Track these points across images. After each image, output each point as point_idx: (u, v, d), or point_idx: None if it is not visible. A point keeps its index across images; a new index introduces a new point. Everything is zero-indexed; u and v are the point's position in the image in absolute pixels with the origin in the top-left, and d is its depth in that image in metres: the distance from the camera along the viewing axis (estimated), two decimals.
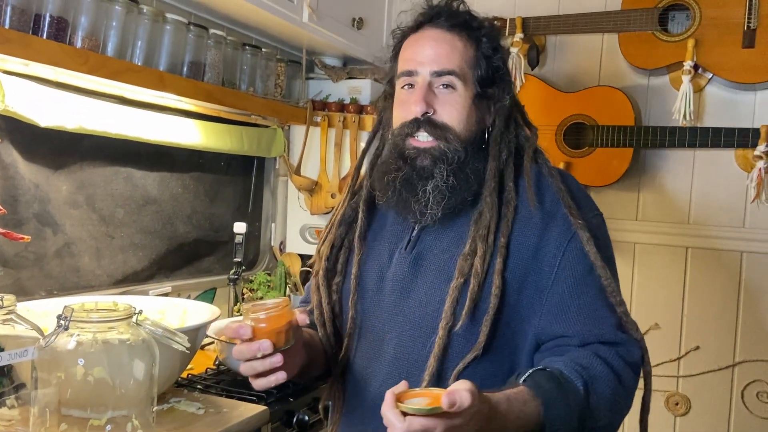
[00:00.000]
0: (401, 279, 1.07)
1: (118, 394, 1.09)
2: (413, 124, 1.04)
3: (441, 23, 1.07)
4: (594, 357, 0.95)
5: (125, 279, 1.81)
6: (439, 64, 1.04)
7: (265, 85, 2.11)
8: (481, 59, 1.06)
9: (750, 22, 1.98)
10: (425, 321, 1.03)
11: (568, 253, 1.00)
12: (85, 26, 1.48)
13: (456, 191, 1.03)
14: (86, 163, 1.70)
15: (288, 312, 0.95)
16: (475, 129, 1.06)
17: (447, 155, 1.02)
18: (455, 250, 1.04)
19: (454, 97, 1.04)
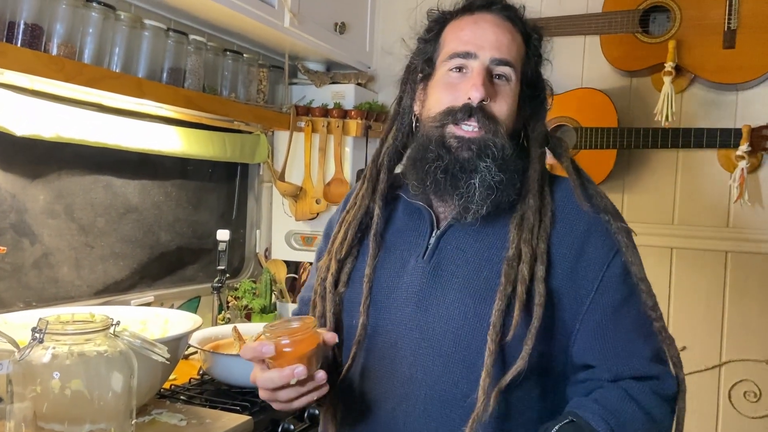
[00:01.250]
0: (417, 291, 0.98)
1: (96, 407, 1.07)
2: (464, 111, 0.96)
3: (498, 11, 1.01)
4: (624, 398, 0.90)
5: (106, 289, 1.79)
6: (501, 51, 0.97)
7: (248, 90, 2.09)
8: (531, 59, 1.03)
9: (730, 22, 1.99)
10: (446, 338, 0.94)
11: (608, 278, 0.94)
12: (61, 33, 1.46)
13: (504, 188, 0.95)
14: (64, 171, 1.67)
15: (315, 335, 0.87)
16: (517, 127, 1.02)
17: (493, 149, 0.95)
18: (482, 262, 0.96)
19: (507, 89, 0.98)
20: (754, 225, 2.07)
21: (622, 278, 0.95)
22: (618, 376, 0.92)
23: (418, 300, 0.97)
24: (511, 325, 0.89)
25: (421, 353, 0.95)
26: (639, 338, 0.94)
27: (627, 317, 0.94)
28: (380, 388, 0.99)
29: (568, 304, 0.94)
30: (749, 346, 2.07)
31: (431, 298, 0.97)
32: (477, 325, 0.93)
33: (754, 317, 2.07)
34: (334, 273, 1.05)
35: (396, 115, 1.10)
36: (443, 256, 0.98)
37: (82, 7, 1.50)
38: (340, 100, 2.35)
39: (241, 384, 1.55)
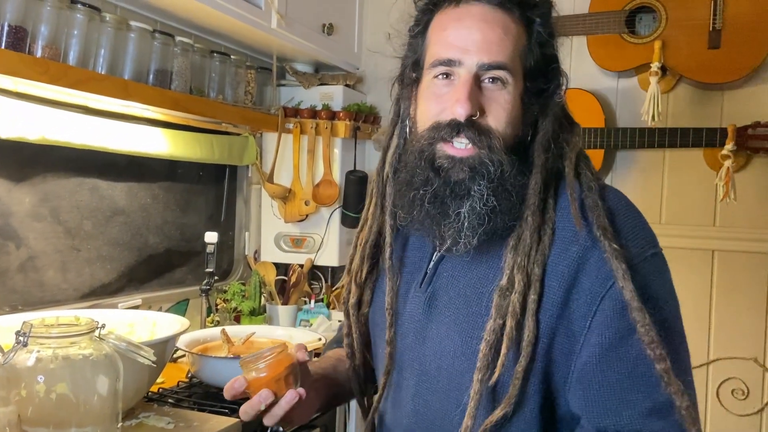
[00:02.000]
0: (416, 321, 0.92)
1: (81, 410, 1.06)
2: (452, 128, 0.83)
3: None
4: None
5: (93, 292, 1.78)
6: (490, 54, 0.82)
7: (235, 92, 2.09)
8: (534, 46, 0.85)
9: (715, 23, 2.00)
10: (441, 375, 0.88)
11: (600, 313, 0.79)
12: (45, 35, 1.45)
13: (497, 214, 0.83)
14: (50, 174, 1.66)
15: (286, 356, 0.89)
16: (521, 134, 0.86)
17: (489, 168, 0.82)
18: (472, 295, 0.86)
19: (503, 95, 0.83)
20: (740, 223, 2.08)
21: (619, 314, 0.79)
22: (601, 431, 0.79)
23: (416, 330, 0.92)
24: (498, 364, 0.81)
25: (422, 387, 0.91)
26: (635, 386, 0.78)
27: (622, 360, 0.79)
28: (398, 416, 0.96)
29: (561, 341, 0.82)
30: (737, 344, 2.09)
31: (426, 331, 0.91)
32: (465, 364, 0.85)
33: (742, 315, 2.08)
34: (356, 295, 1.01)
35: (395, 119, 0.98)
36: (438, 285, 0.90)
37: (67, 8, 1.49)
38: (329, 101, 2.35)
39: None
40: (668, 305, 0.82)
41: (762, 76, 2.04)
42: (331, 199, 2.33)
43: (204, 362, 1.53)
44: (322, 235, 2.37)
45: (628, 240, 0.82)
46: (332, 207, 2.35)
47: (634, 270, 0.79)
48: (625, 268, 0.78)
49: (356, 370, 1.04)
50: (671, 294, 0.85)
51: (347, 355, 1.03)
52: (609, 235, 0.79)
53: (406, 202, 0.89)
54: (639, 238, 0.83)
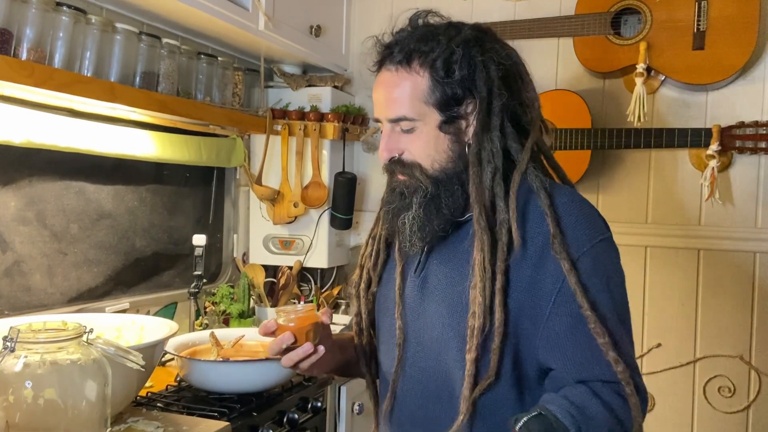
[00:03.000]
0: (411, 302, 1.10)
1: (69, 416, 1.05)
2: (388, 166, 1.08)
3: (393, 59, 1.04)
4: (590, 395, 0.94)
5: (80, 296, 1.76)
6: (392, 111, 1.04)
7: (223, 94, 2.08)
8: (436, 85, 1.02)
9: (699, 24, 2.02)
10: (433, 346, 1.06)
11: (564, 291, 0.97)
12: (31, 38, 1.44)
13: (428, 222, 1.04)
14: (35, 178, 1.65)
15: (313, 315, 1.08)
16: (452, 154, 1.04)
17: (419, 188, 1.04)
18: (456, 277, 1.04)
19: (415, 136, 1.04)
20: (725, 223, 2.11)
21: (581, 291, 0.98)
22: (582, 380, 0.97)
23: (412, 310, 1.10)
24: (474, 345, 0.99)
25: (419, 357, 1.08)
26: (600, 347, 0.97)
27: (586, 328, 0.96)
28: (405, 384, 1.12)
29: (529, 314, 0.99)
30: (723, 342, 2.11)
31: (420, 309, 1.09)
32: (451, 333, 1.03)
33: (727, 313, 2.10)
34: (366, 281, 1.20)
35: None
36: (429, 271, 1.09)
37: (52, 11, 1.48)
38: (317, 103, 2.35)
39: (218, 390, 1.54)
40: (612, 279, 1.01)
41: (746, 76, 2.07)
42: (319, 200, 2.33)
43: (193, 366, 1.52)
44: (311, 236, 2.37)
45: (575, 233, 0.99)
46: (321, 209, 2.35)
47: (583, 258, 0.97)
48: (568, 265, 0.96)
49: (363, 346, 1.21)
50: (618, 272, 1.03)
51: (355, 332, 1.21)
52: (556, 239, 0.97)
53: (383, 216, 1.14)
54: (589, 233, 1.00)
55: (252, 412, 1.48)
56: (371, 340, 1.22)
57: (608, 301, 0.98)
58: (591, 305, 0.95)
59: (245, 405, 1.49)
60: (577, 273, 0.96)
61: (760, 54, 2.05)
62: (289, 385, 1.65)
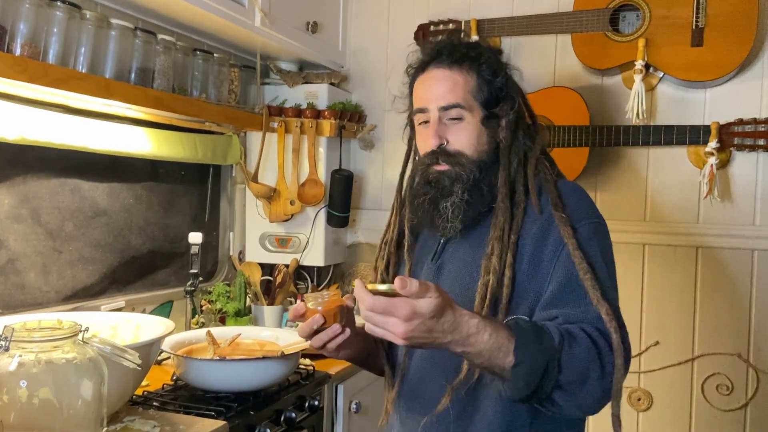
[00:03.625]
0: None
1: (65, 415, 1.04)
2: (432, 156, 1.19)
3: (443, 61, 1.19)
4: (579, 329, 1.01)
5: (75, 295, 1.75)
6: (445, 99, 1.17)
7: (219, 91, 2.06)
8: (483, 84, 1.18)
9: (698, 21, 2.02)
10: None
11: (561, 259, 1.09)
12: (25, 33, 1.42)
13: (472, 205, 1.17)
14: (30, 175, 1.63)
15: (338, 299, 1.16)
16: (488, 147, 1.19)
17: (462, 176, 1.16)
18: (470, 259, 1.16)
19: (462, 126, 1.17)
20: (724, 220, 2.10)
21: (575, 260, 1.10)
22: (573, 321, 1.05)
23: None
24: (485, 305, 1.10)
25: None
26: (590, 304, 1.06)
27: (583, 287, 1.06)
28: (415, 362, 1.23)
29: (534, 278, 1.11)
30: (721, 340, 2.11)
31: None
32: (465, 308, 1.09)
33: (725, 311, 2.10)
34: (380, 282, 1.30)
35: (408, 152, 1.34)
36: (444, 258, 1.22)
37: (46, 6, 1.46)
38: (314, 100, 2.34)
39: (215, 389, 1.52)
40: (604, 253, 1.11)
41: (744, 73, 2.06)
42: (316, 198, 2.32)
43: (189, 364, 1.51)
44: (307, 234, 2.35)
45: (576, 215, 1.12)
46: (318, 206, 2.34)
47: (581, 228, 1.10)
48: (569, 230, 1.09)
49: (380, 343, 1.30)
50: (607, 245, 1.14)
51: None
52: (559, 209, 1.12)
53: (414, 208, 1.25)
54: (584, 214, 1.14)
55: (249, 410, 1.47)
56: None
57: (602, 267, 1.08)
58: (588, 262, 1.06)
59: (242, 404, 1.48)
60: (576, 236, 1.08)
61: (758, 51, 2.05)
62: (287, 384, 1.64)
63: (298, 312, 1.16)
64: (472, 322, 0.93)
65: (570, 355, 0.96)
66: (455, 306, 0.93)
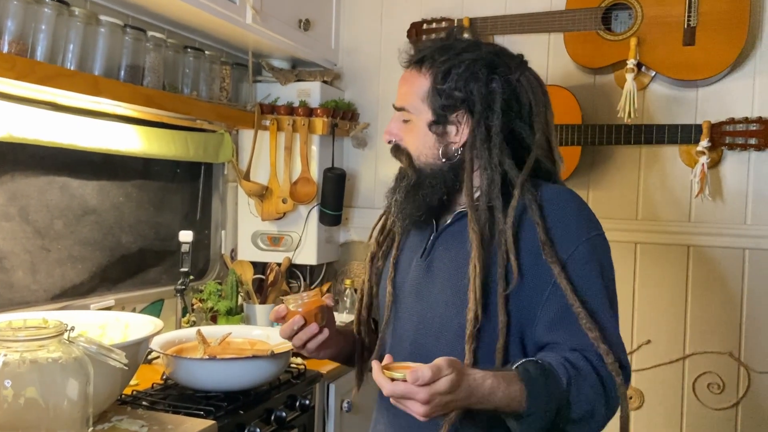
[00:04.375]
0: (416, 284, 1.18)
1: (51, 415, 1.04)
2: (391, 151, 1.22)
3: (409, 65, 1.20)
4: (582, 358, 1.02)
5: (64, 293, 1.74)
6: (398, 100, 1.19)
7: (210, 88, 2.05)
8: (433, 88, 1.15)
9: (690, 20, 2.02)
10: (434, 322, 1.14)
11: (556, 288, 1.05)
12: (12, 30, 1.41)
13: (405, 206, 1.17)
14: (18, 173, 1.62)
15: (318, 300, 1.18)
16: (436, 153, 1.15)
17: (405, 175, 1.18)
18: (462, 259, 1.12)
19: (408, 127, 1.18)
20: (715, 219, 2.10)
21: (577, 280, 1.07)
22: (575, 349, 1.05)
23: (416, 291, 1.18)
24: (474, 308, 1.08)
25: (419, 334, 1.16)
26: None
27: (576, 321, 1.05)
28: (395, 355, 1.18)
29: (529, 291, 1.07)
30: (712, 338, 2.11)
31: (425, 290, 1.17)
32: (453, 311, 1.11)
33: (717, 310, 2.11)
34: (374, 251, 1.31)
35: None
36: (435, 255, 1.17)
37: (35, 3, 1.45)
38: (306, 98, 2.33)
39: (205, 388, 1.52)
40: (607, 272, 1.10)
41: (736, 72, 2.06)
42: (308, 196, 2.31)
43: (179, 364, 1.50)
44: (300, 233, 2.35)
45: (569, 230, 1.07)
46: (310, 205, 2.33)
47: (577, 252, 1.06)
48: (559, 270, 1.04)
49: (361, 337, 1.30)
50: (610, 265, 1.12)
51: (355, 325, 1.30)
52: (551, 259, 1.05)
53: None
54: (578, 226, 1.09)
55: (239, 410, 1.47)
56: (369, 332, 1.31)
57: (599, 292, 1.06)
58: (582, 302, 1.03)
59: (232, 403, 1.47)
60: (568, 274, 1.04)
61: (750, 50, 2.05)
62: (277, 383, 1.64)
63: (279, 314, 1.18)
64: (486, 385, 0.94)
65: (578, 393, 0.99)
66: (468, 372, 0.93)
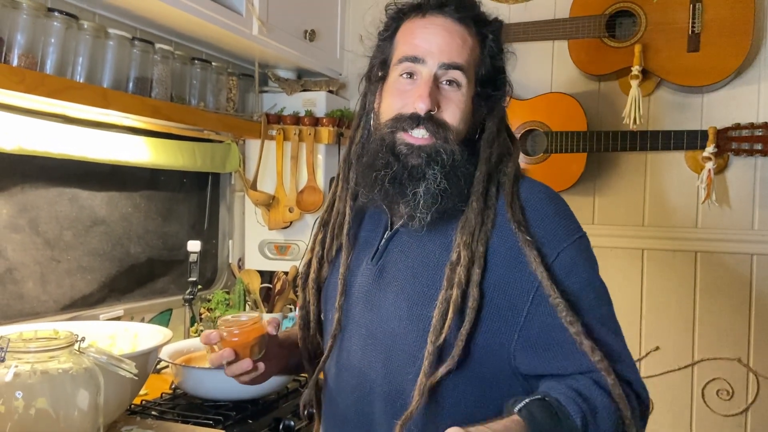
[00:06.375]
0: (365, 291, 1.02)
1: (61, 425, 1.04)
2: (412, 120, 0.96)
3: (450, 12, 0.98)
4: (594, 386, 0.88)
5: (73, 304, 1.75)
6: (450, 56, 0.96)
7: (217, 99, 2.07)
8: (486, 58, 1.00)
9: (694, 26, 2.02)
10: (386, 338, 0.98)
11: (539, 298, 0.92)
12: (22, 44, 1.43)
13: (447, 196, 0.95)
14: (28, 184, 1.63)
15: (257, 328, 1.03)
16: (470, 130, 1.00)
17: (442, 156, 0.95)
18: (420, 267, 0.97)
19: (458, 95, 0.97)
20: (722, 225, 2.10)
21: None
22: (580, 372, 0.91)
23: (365, 300, 1.02)
24: (444, 328, 0.91)
25: (368, 349, 1.01)
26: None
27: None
28: (342, 378, 1.07)
29: (503, 308, 0.93)
30: (721, 344, 2.10)
31: (375, 299, 1.01)
32: (411, 326, 0.96)
33: (725, 316, 2.10)
34: (316, 269, 1.12)
35: (361, 112, 1.09)
36: (388, 259, 1.02)
37: (44, 17, 1.47)
38: (312, 107, 2.34)
39: (214, 397, 1.52)
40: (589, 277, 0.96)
41: (741, 78, 2.06)
42: (315, 205, 2.32)
43: (188, 373, 1.51)
44: (306, 241, 2.35)
45: (554, 229, 0.95)
46: (317, 213, 2.34)
47: (563, 254, 0.94)
48: (544, 272, 0.90)
49: (306, 342, 1.14)
50: (595, 271, 0.99)
51: (299, 327, 1.14)
52: (523, 228, 0.92)
53: (368, 183, 1.00)
54: (563, 226, 0.97)
55: (248, 419, 1.47)
56: (317, 335, 1.15)
57: (595, 302, 0.94)
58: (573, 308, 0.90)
59: (241, 412, 1.48)
60: (555, 275, 0.91)
61: (755, 56, 2.05)
62: (285, 392, 1.64)
63: (210, 340, 1.02)
64: None
65: (596, 428, 0.86)
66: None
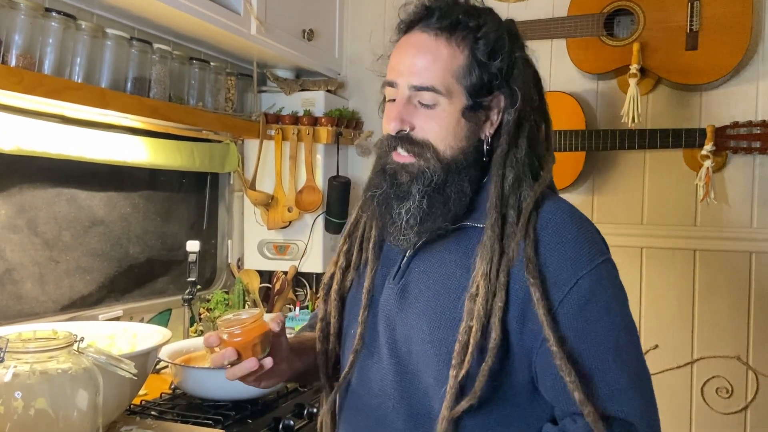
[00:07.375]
0: (389, 310, 1.00)
1: (61, 426, 1.04)
2: (391, 140, 0.97)
3: (431, 25, 0.94)
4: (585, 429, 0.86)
5: (72, 304, 1.75)
6: (419, 77, 0.93)
7: (216, 99, 2.07)
8: (474, 66, 0.93)
9: (692, 24, 2.02)
10: (410, 357, 0.96)
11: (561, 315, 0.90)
12: (20, 44, 1.43)
13: (430, 216, 0.93)
14: (26, 185, 1.63)
15: (259, 326, 0.97)
16: (465, 145, 0.95)
17: (424, 174, 0.93)
18: (440, 290, 0.95)
19: (436, 113, 0.94)
20: (721, 223, 2.10)
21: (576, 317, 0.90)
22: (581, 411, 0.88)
23: (387, 318, 1.00)
24: (464, 362, 0.89)
25: (390, 369, 0.98)
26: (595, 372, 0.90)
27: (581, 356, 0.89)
28: (362, 396, 1.03)
29: (521, 340, 0.91)
30: (720, 342, 2.10)
31: (397, 319, 0.99)
32: (431, 350, 0.93)
33: (724, 314, 2.10)
34: (339, 281, 1.09)
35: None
36: (410, 278, 0.99)
37: (41, 17, 1.47)
38: (310, 107, 2.34)
39: (213, 397, 1.52)
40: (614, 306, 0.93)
41: (739, 76, 2.06)
42: (314, 205, 2.32)
43: (187, 373, 1.51)
44: (305, 241, 2.35)
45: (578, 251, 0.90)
46: (315, 213, 2.34)
47: (584, 277, 0.89)
48: (539, 296, 0.87)
49: (327, 353, 1.10)
50: (617, 299, 0.94)
51: (319, 338, 1.10)
52: (531, 265, 0.88)
53: (365, 201, 1.02)
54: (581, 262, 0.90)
55: (247, 419, 1.47)
56: (336, 348, 1.11)
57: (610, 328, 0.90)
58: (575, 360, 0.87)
59: (240, 412, 1.48)
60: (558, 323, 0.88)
61: (753, 54, 2.05)
62: (285, 392, 1.64)
63: (211, 344, 0.96)
64: None
65: None
66: None
